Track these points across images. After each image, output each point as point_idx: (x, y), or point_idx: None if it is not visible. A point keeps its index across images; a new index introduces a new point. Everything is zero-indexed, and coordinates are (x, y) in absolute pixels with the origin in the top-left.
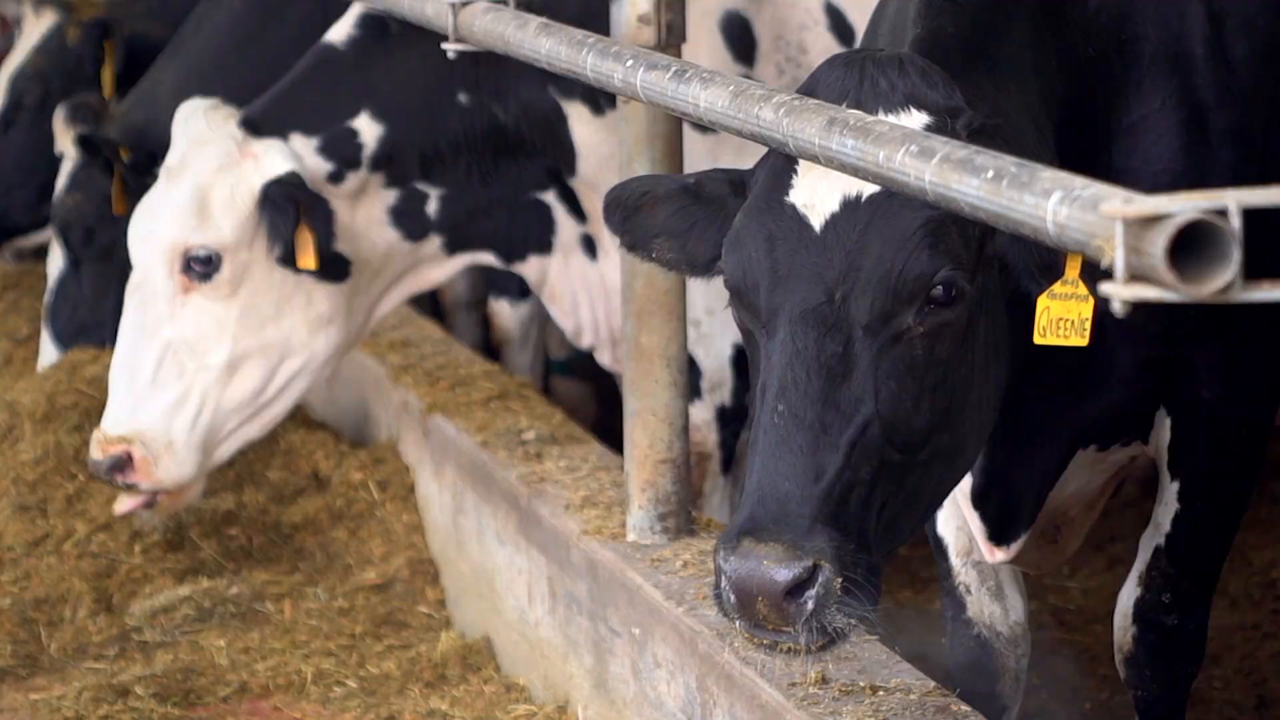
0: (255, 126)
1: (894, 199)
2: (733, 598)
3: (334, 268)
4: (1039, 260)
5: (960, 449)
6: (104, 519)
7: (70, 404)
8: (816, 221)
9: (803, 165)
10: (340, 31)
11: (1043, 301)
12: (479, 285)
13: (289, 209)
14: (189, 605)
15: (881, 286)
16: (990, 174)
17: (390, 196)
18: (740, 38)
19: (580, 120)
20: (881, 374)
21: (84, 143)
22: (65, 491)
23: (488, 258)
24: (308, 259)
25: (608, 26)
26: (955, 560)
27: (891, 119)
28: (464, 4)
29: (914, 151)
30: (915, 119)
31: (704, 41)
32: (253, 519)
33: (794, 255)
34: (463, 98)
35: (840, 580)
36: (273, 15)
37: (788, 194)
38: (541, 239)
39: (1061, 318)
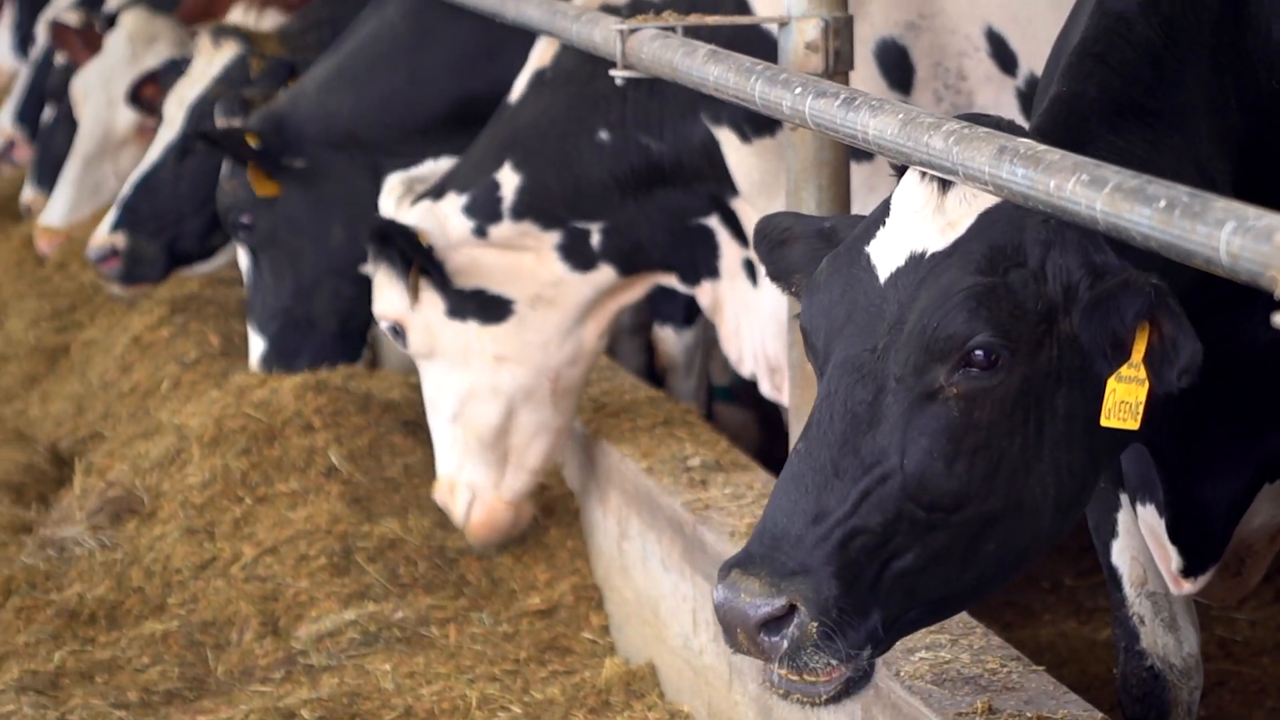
0: (426, 193)
1: (954, 258)
2: (720, 626)
3: (491, 310)
4: (1110, 340)
5: (1020, 519)
6: (270, 542)
7: (238, 428)
8: (883, 274)
9: (892, 218)
10: (516, 88)
11: (1111, 383)
12: (642, 311)
13: (389, 250)
14: (355, 629)
15: (917, 340)
16: (1163, 203)
17: (554, 237)
18: (897, 65)
19: (731, 146)
20: (913, 429)
21: (202, 139)
22: (232, 515)
23: (670, 279)
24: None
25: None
26: (1130, 591)
27: (956, 194)
28: (632, 31)
29: (1085, 180)
30: (983, 199)
31: (859, 69)
32: (418, 544)
33: (856, 305)
34: (603, 135)
35: (816, 625)
36: (431, 34)
37: (868, 244)
38: (709, 264)
39: (1124, 400)
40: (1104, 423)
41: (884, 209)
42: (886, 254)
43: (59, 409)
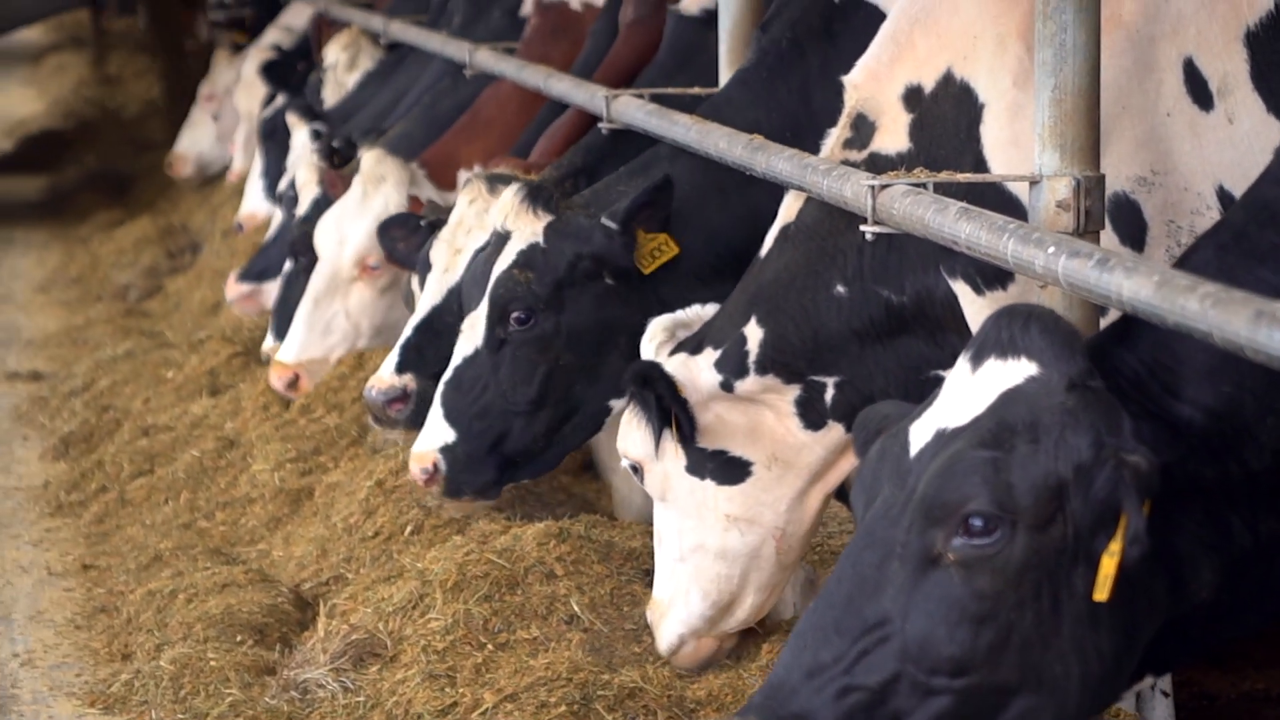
0: (684, 344)
1: (965, 432)
2: None
3: (729, 472)
4: (1099, 517)
5: (1040, 695)
6: (511, 689)
7: (481, 574)
8: (914, 450)
9: (937, 399)
10: (765, 243)
11: (1104, 557)
12: None
13: (646, 394)
14: None
15: (918, 507)
16: None
17: (793, 392)
18: (1131, 221)
19: (967, 299)
20: (916, 594)
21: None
22: (474, 661)
23: None
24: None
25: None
26: None
27: (999, 363)
28: (883, 187)
29: None
30: (1023, 367)
31: None
32: (658, 694)
33: (889, 478)
34: (840, 289)
35: None
36: (747, 180)
37: (912, 424)
38: None
39: (1106, 574)
40: (1096, 596)
41: (936, 391)
42: (920, 432)
43: (302, 551)
